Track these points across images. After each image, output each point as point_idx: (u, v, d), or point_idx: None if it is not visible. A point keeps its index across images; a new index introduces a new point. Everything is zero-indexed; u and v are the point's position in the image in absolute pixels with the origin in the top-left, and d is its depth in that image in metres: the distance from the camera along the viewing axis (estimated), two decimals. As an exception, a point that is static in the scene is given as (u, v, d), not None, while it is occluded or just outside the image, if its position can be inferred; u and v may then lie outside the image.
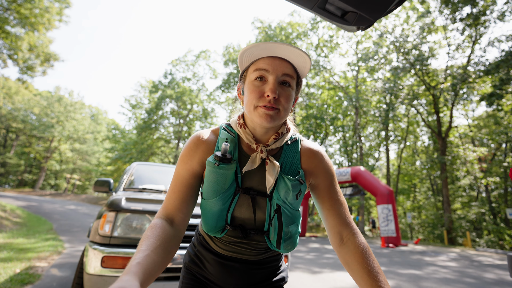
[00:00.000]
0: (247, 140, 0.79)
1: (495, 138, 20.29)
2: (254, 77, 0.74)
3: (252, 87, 0.73)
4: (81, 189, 45.92)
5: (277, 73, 0.72)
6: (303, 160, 0.84)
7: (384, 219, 11.58)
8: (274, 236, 0.79)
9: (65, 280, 3.34)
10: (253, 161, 0.77)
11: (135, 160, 25.55)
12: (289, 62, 0.75)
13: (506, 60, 13.44)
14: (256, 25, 24.78)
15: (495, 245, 17.44)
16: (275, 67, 0.72)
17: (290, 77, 0.74)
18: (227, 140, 0.79)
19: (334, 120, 23.33)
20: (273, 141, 0.80)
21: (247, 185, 0.79)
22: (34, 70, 14.96)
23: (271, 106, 0.71)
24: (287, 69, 0.73)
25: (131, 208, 2.06)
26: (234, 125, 0.84)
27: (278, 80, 0.73)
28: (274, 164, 0.76)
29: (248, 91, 0.74)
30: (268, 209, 0.78)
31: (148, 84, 32.99)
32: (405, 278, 4.74)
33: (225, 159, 0.74)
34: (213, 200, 0.76)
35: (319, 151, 0.85)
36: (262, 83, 0.73)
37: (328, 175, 0.82)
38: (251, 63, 0.77)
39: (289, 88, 0.74)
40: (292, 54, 0.71)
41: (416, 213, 25.74)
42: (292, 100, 0.76)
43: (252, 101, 0.73)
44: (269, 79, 0.72)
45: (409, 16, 19.21)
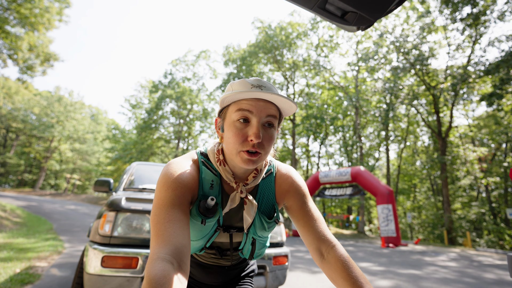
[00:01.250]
0: (226, 178, 0.77)
1: (495, 138, 20.29)
2: (237, 118, 0.70)
3: (234, 129, 0.70)
4: (81, 189, 45.92)
5: (261, 115, 0.69)
6: (277, 190, 0.86)
7: (384, 219, 11.58)
8: (247, 254, 0.86)
9: (65, 280, 3.34)
10: (232, 200, 0.77)
11: (135, 160, 25.55)
12: (272, 103, 0.72)
13: (506, 60, 13.43)
14: (256, 25, 24.76)
15: (495, 245, 17.44)
16: (259, 109, 0.69)
17: (274, 117, 0.72)
18: (213, 183, 0.78)
19: (334, 120, 23.31)
20: (252, 179, 0.80)
21: (227, 223, 0.82)
22: (34, 70, 14.96)
23: (255, 150, 0.69)
24: (271, 110, 0.71)
25: (131, 208, 2.06)
26: (212, 159, 0.80)
27: (261, 122, 0.70)
28: (252, 203, 0.78)
29: (230, 133, 0.71)
30: (243, 239, 0.83)
31: (148, 84, 32.99)
32: (405, 278, 4.74)
33: (211, 213, 0.73)
34: (196, 241, 0.79)
35: (289, 175, 0.86)
36: (245, 125, 0.70)
37: (300, 195, 0.83)
38: (233, 101, 0.73)
39: (271, 129, 0.72)
40: (278, 100, 0.69)
41: (416, 213, 25.75)
42: (274, 140, 0.74)
43: (234, 144, 0.70)
44: (253, 122, 0.69)
45: (409, 16, 19.20)
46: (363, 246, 10.96)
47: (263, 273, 2.38)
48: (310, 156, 28.33)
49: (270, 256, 2.43)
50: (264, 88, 0.71)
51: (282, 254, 2.53)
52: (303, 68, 23.62)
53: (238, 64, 25.16)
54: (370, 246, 10.81)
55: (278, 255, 2.49)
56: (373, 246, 10.86)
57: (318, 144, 26.40)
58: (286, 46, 23.05)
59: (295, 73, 24.30)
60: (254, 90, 0.67)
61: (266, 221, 0.80)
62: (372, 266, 5.96)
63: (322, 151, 29.02)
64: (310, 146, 26.95)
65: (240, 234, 0.83)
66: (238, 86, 0.71)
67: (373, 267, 5.76)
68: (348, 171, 13.38)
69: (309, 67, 22.98)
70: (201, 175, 0.78)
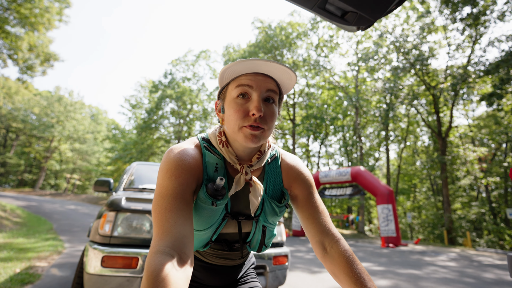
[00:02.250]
0: (230, 160, 0.75)
1: (495, 138, 20.29)
2: (236, 94, 0.69)
3: (235, 105, 0.68)
4: (81, 189, 45.92)
5: (261, 89, 0.68)
6: (284, 176, 0.84)
7: (384, 219, 11.58)
8: (256, 245, 0.83)
9: (65, 280, 3.34)
10: (237, 183, 0.74)
11: (135, 160, 25.56)
12: (272, 78, 0.71)
13: (506, 60, 13.43)
14: (256, 25, 24.76)
15: (495, 245, 17.44)
16: (259, 83, 0.68)
17: (274, 92, 0.70)
18: (217, 167, 0.75)
19: (334, 120, 23.31)
20: (257, 160, 0.77)
21: (235, 209, 0.78)
22: (34, 70, 14.97)
23: (257, 125, 0.67)
24: (270, 84, 0.70)
25: (131, 207, 2.06)
26: (214, 143, 0.78)
27: (262, 96, 0.69)
28: (258, 185, 0.75)
29: (231, 110, 0.69)
30: (253, 228, 0.80)
31: (148, 84, 33.00)
32: (404, 278, 4.74)
33: (220, 195, 0.70)
34: (203, 231, 0.74)
35: (296, 164, 0.85)
36: (245, 101, 0.68)
37: (306, 185, 0.82)
38: (232, 79, 0.72)
39: (273, 105, 0.71)
40: (277, 70, 0.68)
41: (416, 213, 25.75)
42: (276, 117, 0.72)
43: (236, 121, 0.68)
44: (253, 96, 0.68)
45: (409, 16, 19.20)
46: (363, 246, 10.96)
47: (263, 273, 2.38)
48: (310, 156, 28.33)
49: (270, 256, 2.43)
50: (260, 57, 0.69)
51: (282, 254, 2.53)
52: (303, 68, 23.62)
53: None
54: (370, 246, 10.81)
55: (278, 255, 2.49)
56: (373, 246, 10.86)
57: (318, 144, 26.42)
58: (286, 46, 23.06)
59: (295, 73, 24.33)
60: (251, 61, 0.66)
61: (277, 205, 0.78)
62: (372, 266, 5.96)
63: (322, 151, 29.02)
64: (310, 146, 26.95)
65: (249, 222, 0.80)
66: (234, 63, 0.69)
67: (373, 267, 5.76)
68: (348, 171, 13.38)
69: (309, 67, 22.98)
70: (204, 159, 0.75)
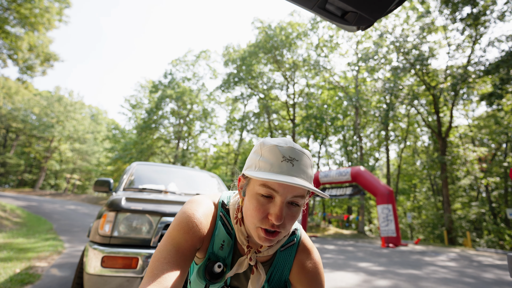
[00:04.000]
0: (239, 239, 0.74)
1: (495, 138, 20.29)
2: (260, 192, 0.65)
3: (256, 203, 0.66)
4: (81, 189, 45.92)
5: (287, 195, 0.64)
6: (294, 270, 0.78)
7: (384, 219, 11.58)
8: None
9: (65, 280, 3.34)
10: (240, 264, 0.74)
11: (135, 160, 25.55)
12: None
13: (506, 60, 13.42)
14: (256, 25, 24.77)
15: (495, 245, 17.43)
16: (286, 189, 0.64)
17: (300, 197, 0.66)
18: (223, 244, 0.75)
19: (334, 120, 23.31)
20: (266, 247, 0.75)
21: (234, 284, 0.78)
22: (34, 70, 14.96)
23: (274, 230, 0.65)
24: (298, 191, 0.65)
25: (131, 208, 2.06)
26: (231, 215, 0.76)
27: (286, 201, 0.65)
28: (261, 274, 0.73)
29: (251, 204, 0.67)
30: None
31: (148, 84, 33.02)
32: (404, 278, 4.74)
33: (216, 279, 0.71)
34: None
35: (315, 269, 0.79)
36: (268, 201, 0.65)
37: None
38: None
39: (296, 208, 0.67)
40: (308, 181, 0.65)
41: (416, 213, 25.75)
42: (298, 216, 0.68)
43: (253, 219, 0.66)
44: (276, 200, 0.64)
45: (409, 16, 19.21)
46: (363, 246, 10.96)
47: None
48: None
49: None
50: (296, 162, 0.65)
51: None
52: (303, 68, 23.63)
53: (238, 64, 25.17)
54: (370, 246, 10.81)
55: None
56: (373, 246, 10.86)
57: (318, 144, 26.41)
58: (286, 46, 23.06)
59: (295, 73, 24.31)
60: (284, 165, 0.63)
61: None
62: (372, 266, 5.96)
63: (322, 151, 29.02)
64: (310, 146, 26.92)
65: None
66: (268, 154, 0.66)
67: (373, 267, 5.76)
68: (348, 171, 13.38)
69: (309, 67, 22.98)
70: (214, 231, 0.74)
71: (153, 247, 2.00)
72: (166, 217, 2.08)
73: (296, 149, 0.67)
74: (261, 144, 0.69)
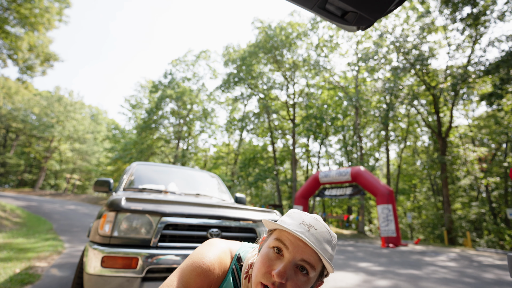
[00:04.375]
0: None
1: (495, 138, 20.29)
2: (273, 245, 0.66)
3: (264, 256, 0.66)
4: (81, 189, 45.92)
5: (296, 256, 0.63)
6: None
7: (384, 219, 11.58)
8: None
9: (65, 280, 3.34)
10: None
11: (135, 160, 25.55)
12: (315, 251, 0.65)
13: (506, 60, 13.42)
14: (256, 25, 24.76)
15: (495, 245, 17.44)
16: (296, 249, 0.63)
17: (309, 265, 0.64)
18: None
19: (334, 120, 23.31)
20: None
21: None
22: (34, 70, 14.96)
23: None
24: (310, 256, 0.63)
25: (131, 208, 2.06)
26: (243, 269, 0.76)
27: (294, 262, 0.64)
28: None
29: (260, 258, 0.67)
30: None
31: (148, 84, 33.02)
32: (404, 278, 4.74)
33: None
34: None
35: None
36: (276, 257, 0.65)
37: None
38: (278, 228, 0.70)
39: (304, 276, 0.64)
40: (320, 249, 0.63)
41: (416, 213, 25.75)
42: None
43: (257, 273, 0.65)
44: (285, 258, 0.64)
45: (409, 16, 19.20)
46: (363, 246, 10.96)
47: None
48: (310, 156, 28.32)
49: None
50: (314, 230, 0.64)
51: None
52: (303, 68, 23.62)
53: (238, 64, 25.16)
54: (370, 246, 10.81)
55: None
56: (373, 246, 10.86)
57: (318, 144, 26.41)
58: (286, 46, 23.05)
59: (295, 73, 24.30)
60: (301, 227, 0.64)
61: None
62: (371, 266, 5.96)
63: (322, 151, 29.03)
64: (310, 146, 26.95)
65: None
66: (292, 215, 0.69)
67: (373, 267, 5.76)
68: (348, 171, 13.38)
69: (309, 67, 22.98)
70: (223, 283, 0.75)
71: (153, 247, 2.00)
72: (166, 217, 2.08)
73: (320, 221, 0.67)
74: (289, 211, 0.72)
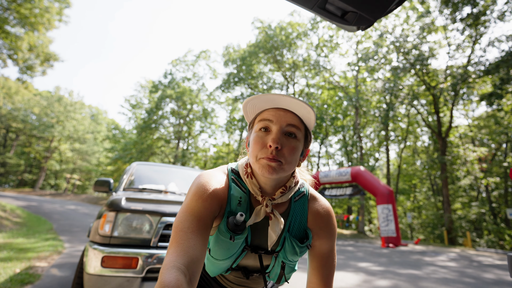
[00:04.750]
0: (252, 191, 0.77)
1: (495, 138, 20.28)
2: (259, 128, 0.73)
3: (256, 138, 0.72)
4: (81, 189, 45.90)
5: (281, 124, 0.71)
6: (310, 218, 0.82)
7: (384, 219, 11.57)
8: (275, 278, 0.84)
9: (65, 280, 3.34)
10: (257, 214, 0.76)
11: (135, 160, 25.55)
12: (294, 114, 0.73)
13: (506, 60, 13.42)
14: (256, 25, 24.76)
15: (495, 245, 17.43)
16: (279, 118, 0.71)
17: (296, 127, 0.72)
18: (241, 200, 0.77)
19: (334, 120, 23.30)
20: (280, 194, 0.77)
21: (256, 242, 0.79)
22: (34, 70, 14.96)
23: (273, 157, 0.68)
24: (292, 119, 0.72)
25: (131, 208, 2.06)
26: (241, 172, 0.81)
27: (282, 130, 0.71)
28: (278, 219, 0.75)
29: (252, 142, 0.73)
30: (272, 262, 0.81)
31: (148, 84, 33.00)
32: (404, 278, 4.74)
33: (239, 229, 0.72)
34: (222, 261, 0.77)
35: (327, 213, 0.84)
36: (266, 134, 0.72)
37: (330, 240, 0.82)
38: (257, 114, 0.77)
39: (294, 140, 0.72)
40: (295, 105, 0.70)
41: (416, 213, 25.74)
42: (297, 152, 0.72)
43: (254, 152, 0.71)
44: (273, 130, 0.71)
45: (409, 16, 19.20)
46: (363, 246, 10.96)
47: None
48: (310, 156, 28.25)
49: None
50: (283, 96, 0.70)
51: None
52: (303, 68, 23.62)
53: (238, 64, 25.15)
54: (370, 246, 10.81)
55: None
56: (373, 246, 10.85)
57: (318, 144, 26.41)
58: (286, 46, 23.05)
59: (295, 73, 24.30)
60: (272, 98, 0.70)
61: (298, 245, 0.77)
62: (371, 266, 5.96)
63: (322, 151, 29.02)
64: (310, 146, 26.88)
65: (269, 256, 0.81)
66: (257, 98, 0.72)
67: (373, 267, 5.76)
68: (348, 171, 13.38)
69: (309, 67, 22.97)
70: (229, 191, 0.77)
71: (153, 247, 2.00)
72: (166, 217, 2.08)
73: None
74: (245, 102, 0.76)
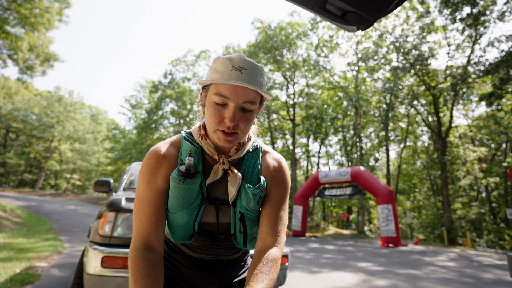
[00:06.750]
0: (208, 151, 0.80)
1: (495, 138, 20.28)
2: (215, 101, 0.72)
3: (212, 109, 0.72)
4: (81, 189, 45.89)
5: (238, 101, 0.71)
6: (263, 167, 0.86)
7: (384, 219, 11.58)
8: (241, 238, 0.84)
9: (65, 280, 3.34)
10: (215, 172, 0.79)
11: (135, 160, 25.55)
12: (252, 89, 0.72)
13: (506, 60, 13.42)
14: (256, 25, 24.74)
15: (495, 245, 17.43)
16: (237, 95, 0.70)
17: (251, 103, 0.73)
18: (191, 153, 0.80)
19: (334, 120, 23.29)
20: (235, 151, 0.81)
21: (212, 195, 0.82)
22: (34, 70, 14.96)
23: (230, 131, 0.72)
24: (248, 95, 0.72)
25: (131, 208, 2.06)
26: (195, 135, 0.83)
27: (238, 106, 0.72)
28: (236, 174, 0.79)
29: (208, 112, 0.74)
30: (232, 216, 0.82)
31: (148, 84, 32.99)
32: (403, 278, 4.74)
33: (190, 174, 0.74)
34: (180, 213, 0.77)
35: (279, 161, 0.87)
36: (222, 107, 0.72)
37: (281, 188, 0.84)
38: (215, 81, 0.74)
39: (249, 113, 0.74)
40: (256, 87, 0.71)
41: (416, 213, 25.74)
42: (252, 121, 0.76)
43: (211, 124, 0.73)
44: (229, 106, 0.71)
45: (409, 16, 19.20)
46: (363, 246, 10.96)
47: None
48: (310, 156, 28.31)
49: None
50: (245, 71, 0.70)
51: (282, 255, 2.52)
52: (303, 68, 23.60)
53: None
54: (370, 246, 10.81)
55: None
56: (373, 246, 10.86)
57: (318, 144, 26.40)
58: (286, 46, 23.04)
59: (295, 73, 24.29)
60: (233, 73, 0.69)
61: (250, 188, 0.79)
62: (371, 266, 5.96)
63: (322, 151, 29.02)
64: (310, 146, 26.93)
65: (228, 211, 0.82)
66: (220, 66, 0.72)
67: (372, 267, 5.76)
68: (348, 171, 13.38)
69: (309, 67, 22.96)
70: (181, 148, 0.81)
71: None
72: (166, 217, 2.08)
73: (246, 59, 0.72)
74: (215, 59, 0.75)
